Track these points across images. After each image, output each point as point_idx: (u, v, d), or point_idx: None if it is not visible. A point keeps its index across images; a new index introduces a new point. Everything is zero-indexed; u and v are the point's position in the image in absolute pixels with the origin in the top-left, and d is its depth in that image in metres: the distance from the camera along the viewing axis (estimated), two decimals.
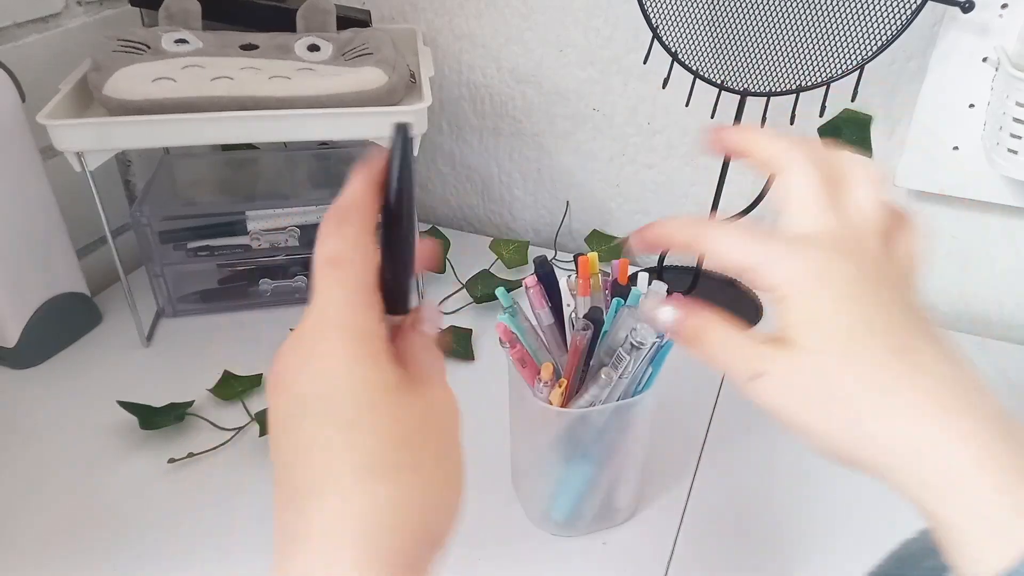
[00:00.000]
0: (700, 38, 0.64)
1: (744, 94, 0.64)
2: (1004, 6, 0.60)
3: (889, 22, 0.58)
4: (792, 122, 0.63)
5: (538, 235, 0.93)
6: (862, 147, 0.73)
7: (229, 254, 0.73)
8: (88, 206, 0.61)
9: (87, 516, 0.54)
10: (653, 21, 0.63)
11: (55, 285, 0.69)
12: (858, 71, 0.60)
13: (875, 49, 0.59)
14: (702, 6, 0.63)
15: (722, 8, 0.63)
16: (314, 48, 0.66)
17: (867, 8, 0.58)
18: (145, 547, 0.52)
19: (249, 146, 0.86)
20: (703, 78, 0.64)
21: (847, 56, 0.60)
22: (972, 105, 0.65)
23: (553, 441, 0.49)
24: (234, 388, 0.64)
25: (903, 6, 0.57)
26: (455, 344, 0.70)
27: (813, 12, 0.60)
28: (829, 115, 0.71)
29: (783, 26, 0.61)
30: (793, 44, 0.62)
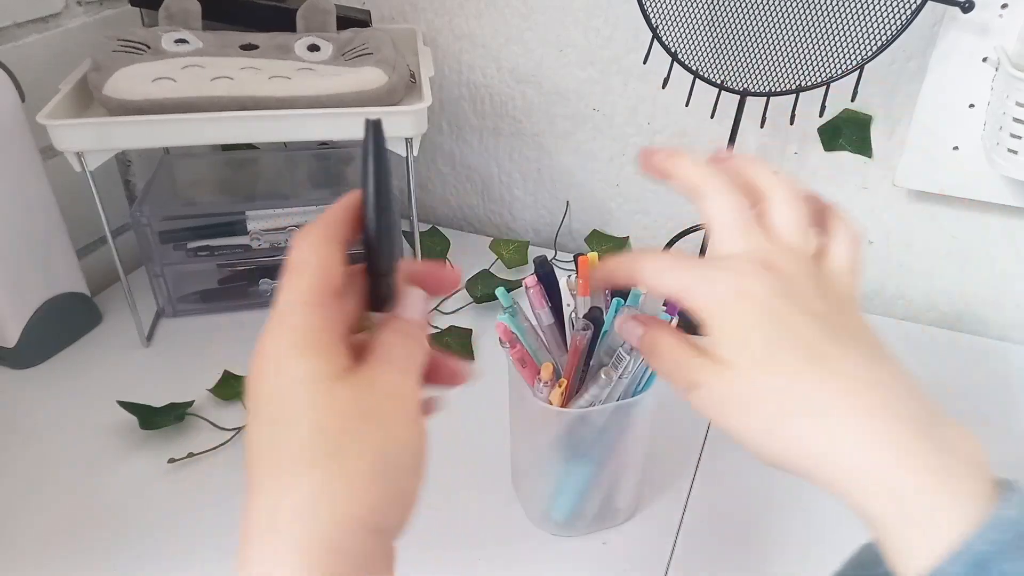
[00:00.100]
0: (700, 38, 0.64)
1: (744, 94, 0.64)
2: (1004, 6, 0.60)
3: (889, 22, 0.58)
4: (792, 122, 0.63)
5: (538, 235, 0.93)
6: (862, 147, 0.73)
7: (229, 254, 0.73)
8: (88, 206, 0.61)
9: (87, 516, 0.54)
10: (653, 21, 0.63)
11: (55, 285, 0.69)
12: (858, 71, 0.60)
13: (875, 49, 0.59)
14: (702, 6, 0.63)
15: (722, 8, 0.63)
16: (314, 48, 0.66)
17: (867, 8, 0.58)
18: (145, 547, 0.52)
19: (249, 146, 0.86)
20: (703, 78, 0.64)
21: (847, 56, 0.60)
22: (972, 105, 0.65)
23: (553, 441, 0.49)
24: (234, 388, 0.64)
25: (903, 6, 0.57)
26: (455, 344, 0.70)
27: (813, 12, 0.60)
28: (829, 115, 0.71)
29: (783, 26, 0.61)
30: (793, 44, 0.62)
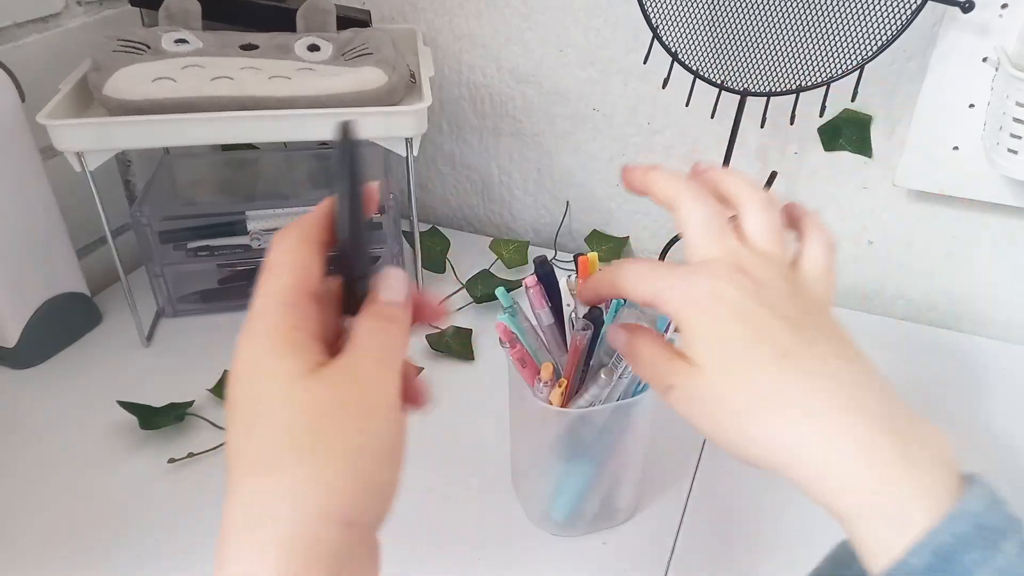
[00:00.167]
0: (700, 38, 0.64)
1: (744, 94, 0.64)
2: (1004, 6, 0.60)
3: (889, 22, 0.58)
4: (792, 122, 0.63)
5: (538, 235, 0.93)
6: (862, 147, 0.73)
7: (229, 254, 0.73)
8: (88, 206, 0.61)
9: (87, 516, 0.54)
10: (653, 21, 0.63)
11: (55, 285, 0.69)
12: (858, 71, 0.60)
13: (875, 49, 0.59)
14: (702, 6, 0.63)
15: (722, 8, 0.63)
16: (314, 48, 0.66)
17: (867, 8, 0.58)
18: (145, 547, 0.52)
19: (249, 146, 0.86)
20: (703, 78, 0.64)
21: (847, 56, 0.60)
22: (972, 105, 0.65)
23: (553, 441, 0.49)
24: None
25: (903, 6, 0.57)
26: (455, 344, 0.70)
27: (813, 12, 0.60)
28: (829, 115, 0.71)
29: (783, 26, 0.61)
30: (793, 44, 0.62)
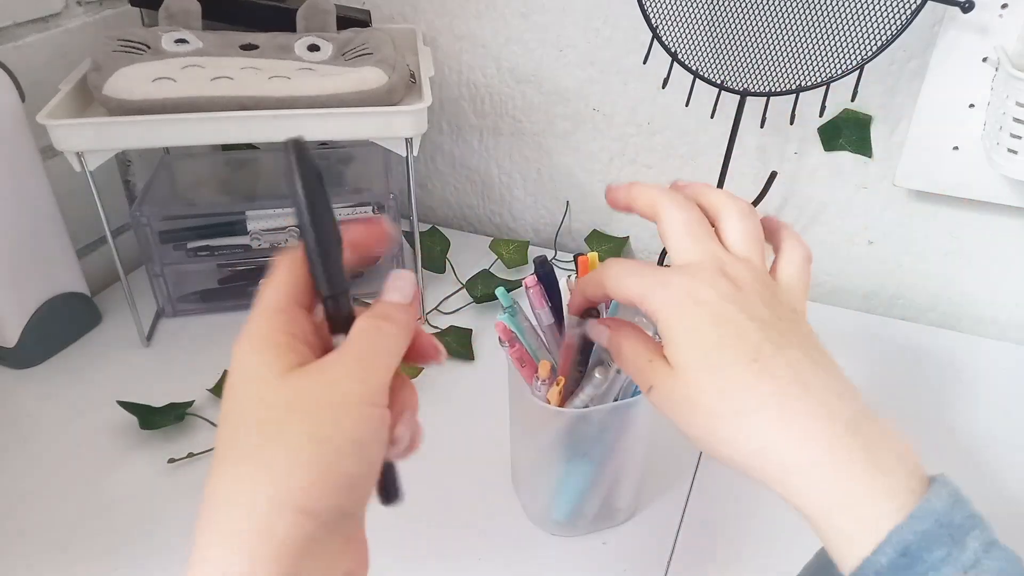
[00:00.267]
0: (700, 38, 0.64)
1: (744, 94, 0.64)
2: (1004, 6, 0.60)
3: (889, 22, 0.58)
4: (792, 122, 0.63)
5: (538, 235, 0.93)
6: (862, 147, 0.73)
7: (229, 254, 0.73)
8: (88, 206, 0.61)
9: (87, 516, 0.54)
10: (653, 21, 0.63)
11: (55, 285, 0.69)
12: (858, 71, 0.60)
13: (875, 49, 0.59)
14: (702, 6, 0.63)
15: (722, 8, 0.63)
16: (314, 48, 0.66)
17: (867, 8, 0.58)
18: (145, 547, 0.52)
19: (249, 146, 0.86)
20: (703, 78, 0.64)
21: (847, 56, 0.60)
22: (972, 105, 0.65)
23: (553, 441, 0.49)
24: None
25: (903, 6, 0.57)
26: (455, 344, 0.70)
27: (813, 12, 0.60)
28: (829, 115, 0.71)
29: (783, 26, 0.61)
30: (793, 44, 0.62)
